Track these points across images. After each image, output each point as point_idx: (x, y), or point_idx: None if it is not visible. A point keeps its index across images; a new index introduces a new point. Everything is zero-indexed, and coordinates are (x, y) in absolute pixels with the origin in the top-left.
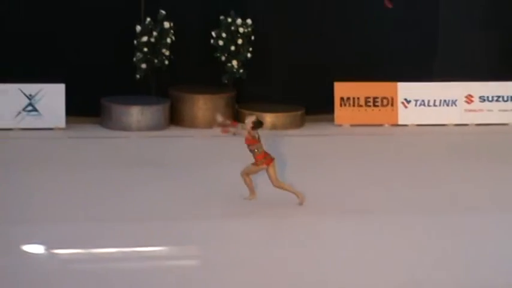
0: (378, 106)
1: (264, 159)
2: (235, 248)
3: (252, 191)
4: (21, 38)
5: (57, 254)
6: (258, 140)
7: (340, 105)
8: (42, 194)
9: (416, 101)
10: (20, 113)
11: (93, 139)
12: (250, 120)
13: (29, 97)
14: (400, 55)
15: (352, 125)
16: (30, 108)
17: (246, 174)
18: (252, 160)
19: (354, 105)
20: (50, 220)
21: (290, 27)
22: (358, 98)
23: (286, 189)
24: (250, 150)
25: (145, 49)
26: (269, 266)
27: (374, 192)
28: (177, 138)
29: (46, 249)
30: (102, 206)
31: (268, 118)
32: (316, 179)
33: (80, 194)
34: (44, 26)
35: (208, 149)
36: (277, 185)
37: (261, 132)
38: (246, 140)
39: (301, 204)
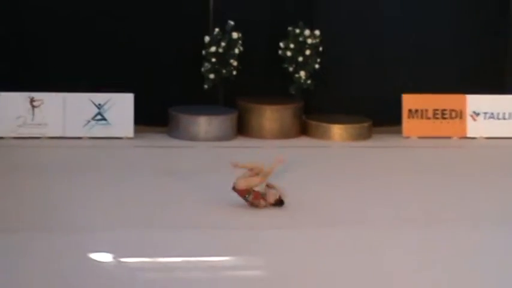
0: (446, 118)
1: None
2: (301, 258)
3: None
4: (91, 48)
5: (124, 262)
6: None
7: (408, 117)
8: (109, 201)
9: (485, 113)
10: (89, 122)
11: (161, 149)
12: (274, 195)
13: (98, 106)
14: (469, 68)
15: (420, 137)
16: (99, 117)
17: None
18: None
19: (422, 118)
20: (117, 228)
21: (358, 39)
22: (426, 110)
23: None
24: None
25: (214, 59)
26: (331, 276)
27: (443, 205)
28: (244, 149)
29: (113, 257)
30: (170, 214)
31: (336, 129)
32: (384, 191)
33: (147, 202)
34: (114, 36)
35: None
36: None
37: (329, 143)
38: (255, 197)
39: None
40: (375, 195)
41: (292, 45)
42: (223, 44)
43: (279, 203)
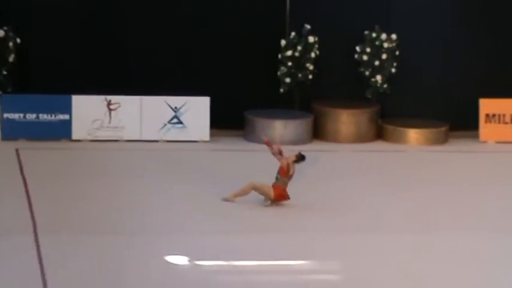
0: None
1: (277, 191)
2: (377, 264)
3: (238, 195)
4: (168, 52)
5: (200, 265)
6: (290, 177)
7: (486, 121)
8: (185, 205)
9: None
10: (165, 125)
11: (237, 152)
12: (294, 154)
13: (174, 110)
14: None
15: (497, 142)
16: (175, 120)
17: (252, 187)
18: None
19: (499, 122)
20: (193, 232)
21: (434, 43)
22: (504, 115)
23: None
24: (276, 178)
25: (290, 63)
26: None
27: None
28: (320, 153)
29: (189, 261)
30: (244, 218)
31: (412, 134)
32: (460, 197)
33: (223, 207)
34: (191, 40)
35: (352, 163)
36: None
37: (405, 147)
38: (281, 169)
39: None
40: (451, 201)
41: (368, 49)
42: (299, 47)
43: (301, 157)
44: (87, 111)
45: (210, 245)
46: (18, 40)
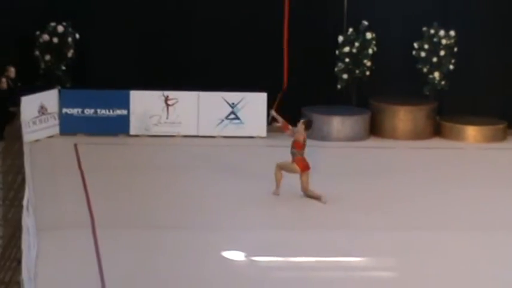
0: None
1: (301, 163)
2: (432, 261)
3: (278, 185)
4: (226, 48)
5: (256, 261)
6: (304, 146)
7: None
8: (241, 201)
9: None
10: (222, 121)
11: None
12: (301, 122)
13: (232, 105)
14: None
15: None
16: (232, 116)
17: (280, 168)
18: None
19: None
20: (250, 227)
21: (494, 39)
22: None
23: (311, 196)
24: (292, 153)
25: (347, 59)
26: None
27: None
28: (377, 149)
29: (246, 256)
30: (300, 214)
31: (470, 131)
32: None
33: (280, 202)
34: (247, 35)
35: (409, 160)
36: (306, 192)
37: (463, 144)
38: (296, 143)
39: (324, 203)
40: (509, 199)
41: (426, 46)
42: (356, 44)
43: (309, 124)
44: (145, 106)
45: (266, 241)
46: (77, 35)
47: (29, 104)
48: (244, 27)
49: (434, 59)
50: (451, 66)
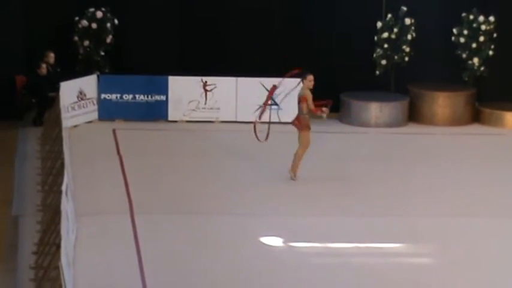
0: None
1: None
2: (474, 248)
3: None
4: (263, 33)
5: (294, 247)
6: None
7: None
8: (279, 186)
9: None
10: (260, 106)
11: (332, 134)
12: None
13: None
14: None
15: None
16: (270, 102)
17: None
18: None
19: None
20: (288, 213)
21: None
22: None
23: (295, 162)
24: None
25: (386, 45)
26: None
27: None
28: (416, 136)
29: (284, 242)
30: (339, 200)
31: (509, 117)
32: None
33: (318, 188)
34: (285, 22)
35: (447, 146)
36: (299, 152)
37: (502, 130)
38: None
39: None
40: None
41: (465, 32)
42: (395, 30)
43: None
44: (183, 92)
45: (304, 227)
46: (116, 21)
47: (68, 90)
48: (282, 12)
49: (474, 45)
50: (490, 52)
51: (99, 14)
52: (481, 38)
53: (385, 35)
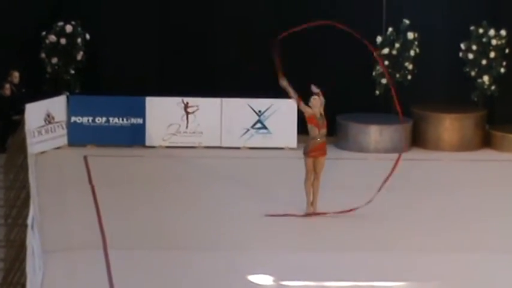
0: None
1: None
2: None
3: (308, 200)
4: (250, 50)
5: (286, 285)
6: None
7: None
8: (269, 219)
9: None
10: (248, 130)
11: (327, 160)
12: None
13: (258, 113)
14: None
15: None
16: (259, 125)
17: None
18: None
19: None
20: (278, 248)
21: None
22: None
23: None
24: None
25: (387, 62)
26: None
27: None
28: (420, 162)
29: (274, 281)
30: (331, 234)
31: None
32: None
33: (311, 222)
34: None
35: (455, 173)
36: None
37: None
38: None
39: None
40: None
41: (474, 47)
42: (397, 45)
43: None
44: (163, 114)
45: (296, 263)
46: (87, 36)
47: (34, 112)
48: (273, 26)
49: (484, 62)
50: (502, 70)
51: (68, 28)
52: (492, 54)
53: (386, 50)
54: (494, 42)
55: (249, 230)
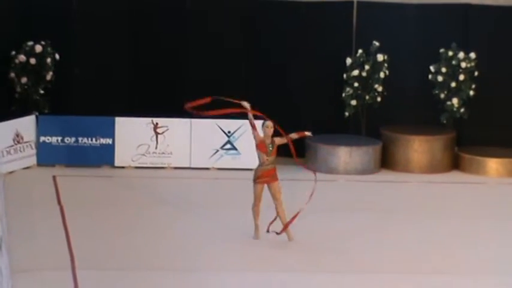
0: None
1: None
2: None
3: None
4: (220, 70)
5: None
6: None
7: None
8: (240, 241)
9: None
10: (217, 151)
11: (296, 182)
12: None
13: (228, 134)
14: None
15: None
16: (228, 146)
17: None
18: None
19: None
20: (246, 269)
21: None
22: None
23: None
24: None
25: (356, 84)
26: None
27: None
28: (389, 184)
29: None
30: (297, 255)
31: (492, 164)
32: None
33: (284, 244)
34: (245, 58)
35: (424, 195)
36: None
37: (484, 179)
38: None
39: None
40: None
41: (444, 69)
42: (366, 67)
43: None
44: (132, 135)
45: (266, 286)
46: (57, 56)
47: (3, 132)
48: (242, 47)
49: (453, 84)
50: (471, 92)
51: (38, 48)
52: (461, 77)
53: (356, 72)
54: (463, 64)
55: (216, 251)
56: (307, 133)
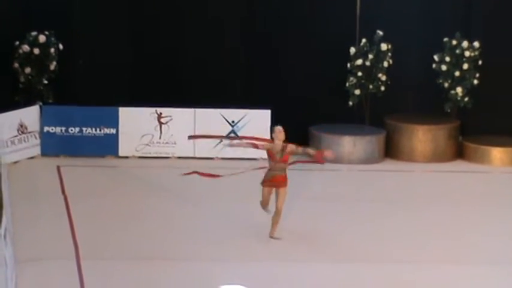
0: None
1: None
2: None
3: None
4: (224, 60)
5: None
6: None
7: None
8: (243, 230)
9: None
10: (221, 141)
11: (300, 171)
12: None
13: (232, 124)
14: None
15: None
16: (232, 135)
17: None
18: None
19: None
20: (250, 259)
21: None
22: None
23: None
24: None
25: (360, 73)
26: None
27: None
28: (393, 173)
29: None
30: (300, 245)
31: (496, 153)
32: None
33: (285, 233)
34: (249, 47)
35: (428, 184)
36: (279, 208)
37: (488, 168)
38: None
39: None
40: None
41: (448, 59)
42: (370, 56)
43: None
44: (136, 124)
45: (269, 274)
46: (61, 46)
47: (7, 122)
48: (246, 35)
49: (457, 73)
50: (475, 81)
51: (42, 38)
52: (465, 66)
53: (359, 61)
54: (467, 53)
55: (221, 240)
56: (327, 153)
